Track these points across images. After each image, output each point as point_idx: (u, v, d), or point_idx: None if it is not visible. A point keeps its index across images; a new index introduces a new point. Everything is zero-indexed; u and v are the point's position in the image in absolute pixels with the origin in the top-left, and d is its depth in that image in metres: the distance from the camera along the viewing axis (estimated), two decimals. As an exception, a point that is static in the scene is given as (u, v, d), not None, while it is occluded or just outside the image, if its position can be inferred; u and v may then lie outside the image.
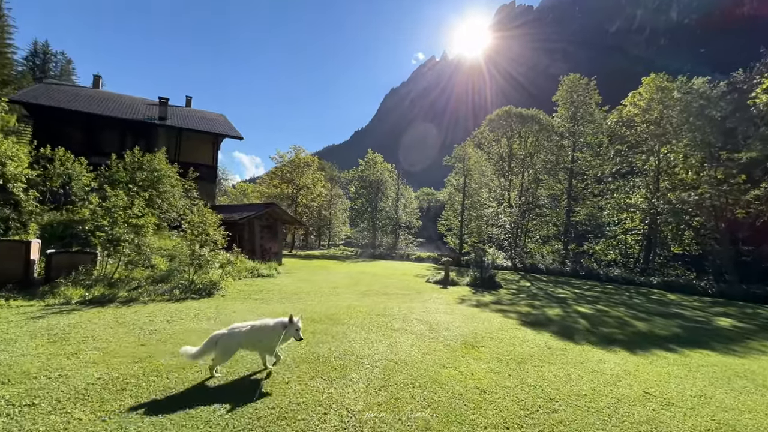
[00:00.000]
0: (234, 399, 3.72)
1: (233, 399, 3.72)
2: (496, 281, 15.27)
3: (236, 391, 3.94)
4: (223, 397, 3.79)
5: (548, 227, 27.90)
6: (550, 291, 15.09)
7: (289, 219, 20.82)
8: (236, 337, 4.30)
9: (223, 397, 3.79)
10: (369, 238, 43.19)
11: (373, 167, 43.19)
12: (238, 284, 12.13)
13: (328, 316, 7.97)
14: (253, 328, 4.40)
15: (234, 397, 3.76)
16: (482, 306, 10.49)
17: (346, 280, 14.99)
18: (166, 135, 26.43)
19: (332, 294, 11.28)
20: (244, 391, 3.94)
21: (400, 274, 18.66)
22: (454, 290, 13.58)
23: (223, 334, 4.29)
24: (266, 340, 4.43)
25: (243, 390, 3.97)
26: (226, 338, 4.25)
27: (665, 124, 20.15)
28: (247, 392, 3.88)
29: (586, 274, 21.42)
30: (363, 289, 12.54)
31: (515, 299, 12.26)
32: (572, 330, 8.01)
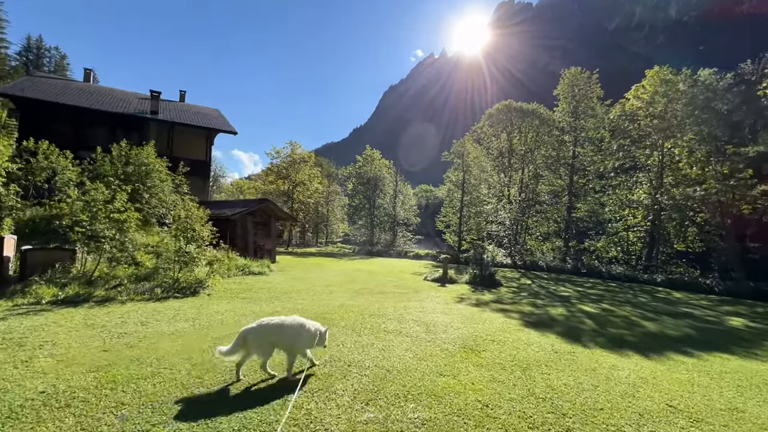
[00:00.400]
0: (203, 416, 3.18)
1: (202, 415, 3.18)
2: (496, 279, 14.76)
3: (208, 406, 3.40)
4: (194, 413, 3.25)
5: (548, 224, 27.39)
6: (551, 289, 14.59)
7: (284, 215, 20.25)
8: (267, 333, 4.00)
9: (193, 413, 3.25)
10: (367, 235, 42.66)
11: (371, 163, 42.61)
12: (227, 282, 11.60)
13: (318, 317, 7.42)
14: (284, 325, 4.11)
15: (204, 414, 3.22)
16: (482, 305, 9.97)
17: (341, 278, 14.46)
18: (158, 129, 25.81)
19: (325, 293, 10.75)
20: (216, 405, 3.40)
21: (397, 271, 18.14)
22: (452, 288, 13.07)
23: (252, 328, 3.99)
24: (300, 341, 4.16)
25: (216, 405, 3.43)
26: (256, 333, 3.95)
27: (670, 117, 19.61)
28: (218, 407, 3.35)
29: (588, 272, 20.93)
30: (358, 288, 12.02)
31: (516, 298, 11.75)
32: (579, 331, 7.49)
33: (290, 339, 4.09)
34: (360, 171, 43.02)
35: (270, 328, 4.03)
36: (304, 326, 4.21)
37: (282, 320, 4.18)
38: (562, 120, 27.19)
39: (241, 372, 4.06)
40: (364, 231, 43.86)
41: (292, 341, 4.11)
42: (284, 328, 4.09)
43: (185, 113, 27.90)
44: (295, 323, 4.18)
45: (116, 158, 15.79)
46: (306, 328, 4.21)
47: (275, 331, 4.04)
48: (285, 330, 4.08)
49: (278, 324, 4.09)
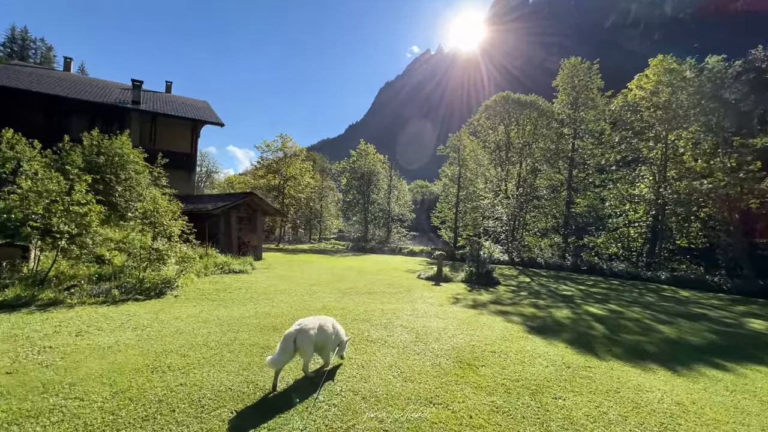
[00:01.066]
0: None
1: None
2: (493, 277, 13.87)
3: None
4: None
5: (547, 219, 26.55)
6: (552, 288, 13.73)
7: (271, 210, 19.24)
8: (310, 334, 3.95)
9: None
10: (361, 231, 41.70)
11: (365, 158, 41.57)
12: (202, 282, 10.61)
13: (293, 323, 6.51)
14: (321, 328, 4.11)
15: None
16: (480, 307, 9.06)
17: (329, 276, 13.51)
18: (140, 120, 24.68)
19: (308, 293, 9.79)
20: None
21: (389, 269, 17.22)
22: (447, 288, 12.16)
23: (298, 330, 3.90)
24: (329, 346, 4.25)
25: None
26: (303, 335, 3.89)
27: (675, 107, 18.75)
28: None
29: (588, 269, 20.13)
30: (345, 287, 11.07)
31: (516, 298, 10.86)
32: (590, 338, 6.60)
33: (324, 344, 4.15)
34: (354, 166, 41.99)
35: (313, 329, 4.01)
36: (336, 328, 4.37)
37: (319, 320, 4.19)
38: (561, 112, 26.29)
39: (278, 380, 3.84)
40: (357, 227, 42.89)
41: (327, 342, 4.18)
42: (324, 328, 4.13)
43: (169, 104, 26.72)
44: (329, 323, 4.27)
45: (87, 148, 14.69)
46: (336, 330, 4.36)
47: (318, 332, 4.03)
48: (325, 330, 4.13)
49: (319, 325, 4.10)
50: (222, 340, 5.29)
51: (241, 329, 5.95)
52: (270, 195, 34.48)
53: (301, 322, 4.03)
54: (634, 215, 23.48)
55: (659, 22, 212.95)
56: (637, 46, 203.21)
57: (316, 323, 4.08)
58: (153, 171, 16.79)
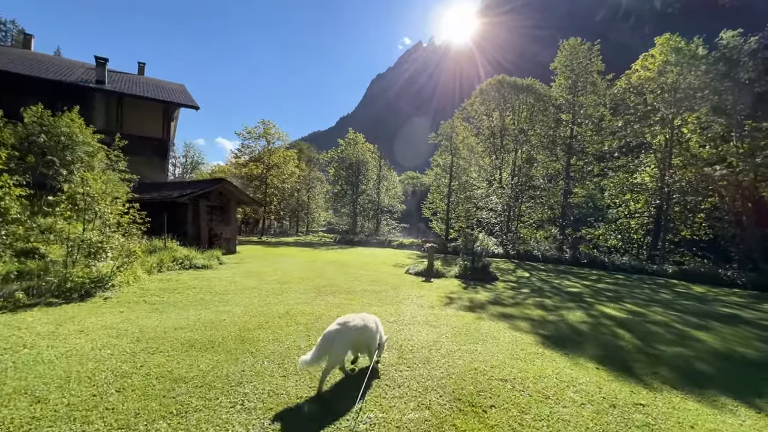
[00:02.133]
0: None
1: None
2: (490, 272, 12.46)
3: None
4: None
5: (543, 210, 25.25)
6: (555, 284, 12.36)
7: (246, 199, 17.51)
8: (349, 335, 3.61)
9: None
10: (349, 223, 40.14)
11: (353, 147, 39.86)
12: (152, 280, 8.99)
13: (240, 334, 4.96)
14: (365, 328, 3.80)
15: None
16: (478, 309, 7.60)
17: (306, 271, 11.93)
18: (106, 101, 22.65)
19: (274, 293, 8.23)
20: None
21: (376, 263, 15.70)
22: (439, 284, 10.69)
23: (338, 330, 3.52)
24: (372, 346, 3.90)
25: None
26: (342, 336, 3.50)
27: (685, 88, 17.42)
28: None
29: (589, 262, 18.88)
30: (321, 285, 9.53)
31: (518, 296, 9.43)
32: (622, 353, 5.17)
33: (366, 345, 3.87)
34: (342, 155, 40.27)
35: (354, 331, 3.67)
36: (374, 330, 3.97)
37: (364, 322, 3.85)
38: (559, 96, 24.89)
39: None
40: (346, 219, 41.33)
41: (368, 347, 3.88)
42: (362, 333, 3.77)
43: (139, 85, 24.66)
44: (367, 327, 3.87)
45: (28, 126, 12.83)
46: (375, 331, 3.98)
47: (357, 335, 3.71)
48: (362, 335, 3.77)
49: (361, 328, 3.75)
50: (121, 370, 3.71)
51: (160, 348, 4.38)
52: (252, 185, 32.56)
53: (345, 320, 3.72)
54: (636, 205, 22.35)
55: (649, 16, 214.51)
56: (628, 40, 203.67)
57: (360, 323, 3.75)
58: (110, 154, 14.95)
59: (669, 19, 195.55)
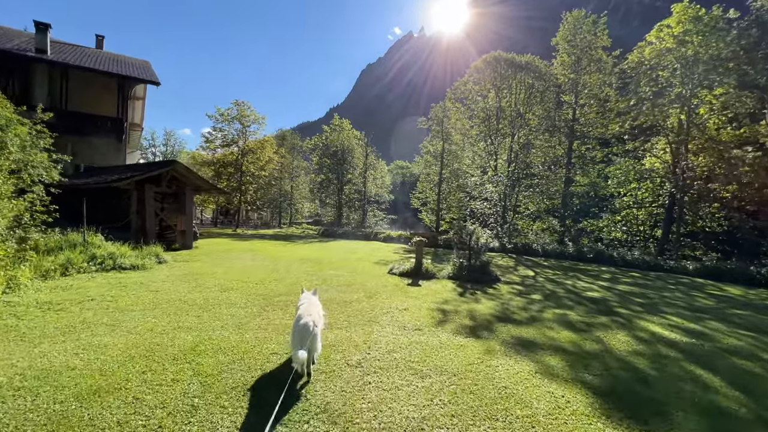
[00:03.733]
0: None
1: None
2: (491, 271, 10.32)
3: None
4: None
5: (542, 200, 23.21)
6: (568, 285, 10.28)
7: (204, 184, 15.00)
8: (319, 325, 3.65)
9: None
10: (334, 214, 37.75)
11: (339, 133, 37.33)
12: (38, 288, 6.65)
13: (64, 411, 2.66)
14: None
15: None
16: (484, 331, 5.43)
17: (264, 273, 9.63)
18: (49, 74, 19.81)
19: (202, 308, 5.98)
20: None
21: (354, 260, 13.45)
22: (429, 289, 8.51)
23: (313, 320, 3.47)
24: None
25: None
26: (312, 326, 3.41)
27: (707, 60, 15.33)
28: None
29: (595, 257, 16.91)
30: (275, 293, 7.28)
31: (531, 306, 7.29)
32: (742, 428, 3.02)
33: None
34: (327, 142, 37.71)
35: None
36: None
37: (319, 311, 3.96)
38: (561, 74, 22.72)
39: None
40: (330, 210, 38.94)
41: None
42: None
43: (90, 58, 21.77)
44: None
45: None
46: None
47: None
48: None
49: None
50: None
51: None
52: (225, 172, 29.77)
53: (303, 313, 3.62)
54: (642, 194, 20.48)
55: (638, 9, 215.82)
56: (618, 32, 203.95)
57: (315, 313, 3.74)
58: (32, 129, 12.31)
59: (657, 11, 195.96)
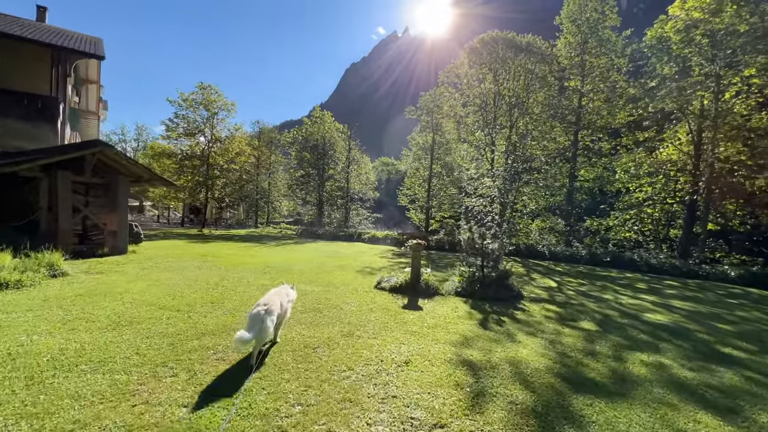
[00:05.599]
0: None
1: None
2: (511, 285, 7.79)
3: None
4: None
5: (545, 196, 20.91)
6: (611, 302, 7.84)
7: (145, 174, 11.96)
8: (275, 313, 3.70)
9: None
10: (315, 213, 34.84)
11: (320, 126, 34.44)
12: None
13: None
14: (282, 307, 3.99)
15: None
16: (557, 418, 2.83)
17: (202, 291, 6.84)
18: (-38, 42, 16.34)
19: (36, 377, 3.13)
20: None
21: (333, 267, 10.74)
22: (434, 313, 5.93)
23: (268, 311, 3.55)
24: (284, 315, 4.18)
25: None
26: (269, 315, 3.55)
27: (745, 32, 13.19)
28: None
29: (613, 261, 14.65)
30: (198, 330, 4.59)
31: (595, 346, 4.79)
32: None
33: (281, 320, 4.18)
34: (306, 135, 34.75)
35: (276, 309, 3.82)
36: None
37: (281, 302, 4.01)
38: (565, 57, 20.48)
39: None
40: (311, 208, 36.01)
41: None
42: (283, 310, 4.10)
43: (17, 25, 18.33)
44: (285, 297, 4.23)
45: None
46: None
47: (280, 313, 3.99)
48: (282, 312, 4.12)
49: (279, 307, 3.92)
50: None
51: None
52: (189, 164, 26.40)
53: (265, 302, 3.67)
54: (652, 189, 18.46)
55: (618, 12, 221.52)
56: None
57: (277, 302, 3.83)
58: None
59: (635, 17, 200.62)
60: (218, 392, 3.03)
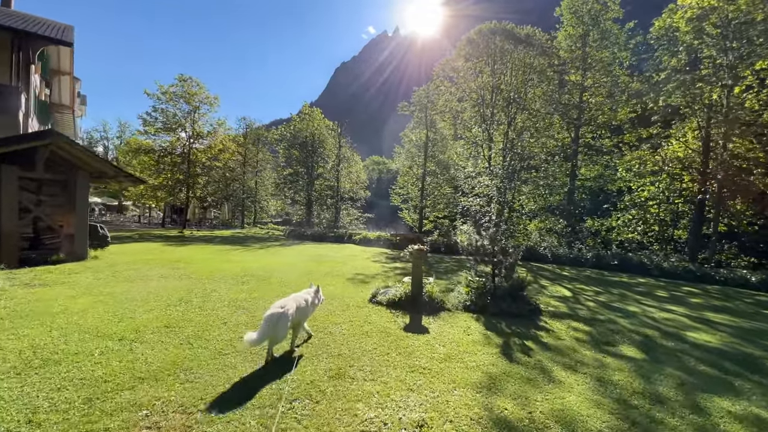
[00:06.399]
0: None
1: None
2: (526, 297, 6.74)
3: None
4: None
5: (544, 196, 20.00)
6: (641, 316, 6.87)
7: (108, 169, 10.60)
8: (289, 315, 3.78)
9: None
10: (303, 213, 33.55)
11: (308, 122, 33.14)
12: None
13: None
14: (299, 307, 4.05)
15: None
16: None
17: (158, 310, 5.65)
18: None
19: None
20: None
21: (322, 274, 9.60)
22: (444, 339, 4.86)
23: (280, 312, 3.68)
24: (304, 317, 4.26)
25: None
26: (284, 316, 3.69)
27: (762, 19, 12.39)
28: None
29: (621, 265, 13.74)
30: (120, 382, 3.31)
31: (654, 387, 3.74)
32: None
33: (301, 318, 4.26)
34: (294, 132, 33.40)
35: (292, 310, 3.93)
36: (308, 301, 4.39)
37: (296, 303, 4.12)
38: (566, 50, 19.61)
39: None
40: (300, 208, 34.71)
41: (301, 320, 4.28)
42: (299, 310, 4.13)
43: (-25, 7, 16.76)
44: (302, 302, 4.25)
45: None
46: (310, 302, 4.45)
47: (296, 313, 4.04)
48: (300, 312, 4.16)
49: (296, 307, 4.05)
50: None
51: None
52: (168, 161, 24.74)
53: (281, 304, 3.85)
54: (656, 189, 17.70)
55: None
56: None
57: (293, 304, 3.94)
58: None
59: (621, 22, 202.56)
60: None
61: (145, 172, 25.78)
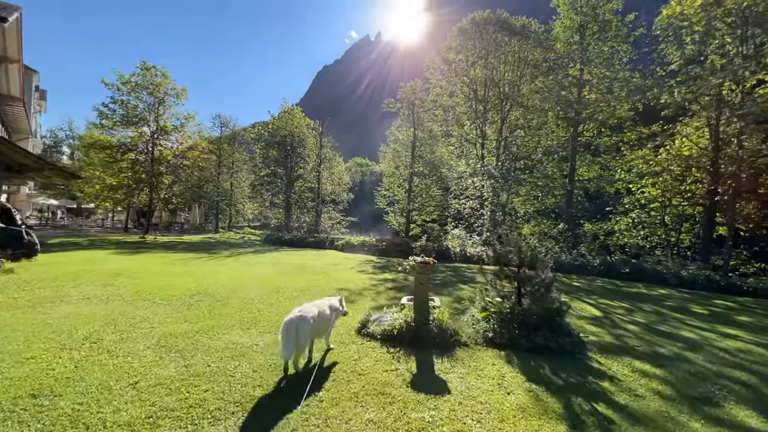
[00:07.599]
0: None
1: None
2: (567, 326, 5.15)
3: None
4: None
5: (543, 196, 18.67)
6: (694, 340, 5.46)
7: (29, 161, 8.49)
8: (309, 322, 3.52)
9: None
10: (282, 216, 31.48)
11: (288, 120, 31.19)
12: None
13: None
14: (320, 314, 3.77)
15: None
16: None
17: (47, 358, 3.75)
18: None
19: None
20: None
21: (296, 292, 7.79)
22: (472, 402, 3.20)
23: (300, 318, 3.44)
24: (325, 325, 3.91)
25: None
26: (304, 323, 3.43)
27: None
28: None
29: (633, 273, 12.41)
30: None
31: None
32: None
33: (321, 326, 3.95)
34: (272, 131, 31.34)
35: (311, 317, 3.63)
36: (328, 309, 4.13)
37: (318, 309, 3.86)
38: (563, 43, 18.45)
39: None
40: (278, 211, 32.63)
41: (320, 328, 3.97)
42: (319, 317, 3.81)
43: None
44: (323, 309, 3.97)
45: None
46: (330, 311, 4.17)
47: (317, 320, 3.75)
48: (320, 319, 3.86)
49: (316, 314, 3.76)
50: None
51: None
52: (127, 158, 22.13)
53: (301, 310, 3.59)
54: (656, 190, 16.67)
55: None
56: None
57: (315, 310, 3.71)
58: None
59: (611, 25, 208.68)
60: None
61: (107, 171, 23.26)
